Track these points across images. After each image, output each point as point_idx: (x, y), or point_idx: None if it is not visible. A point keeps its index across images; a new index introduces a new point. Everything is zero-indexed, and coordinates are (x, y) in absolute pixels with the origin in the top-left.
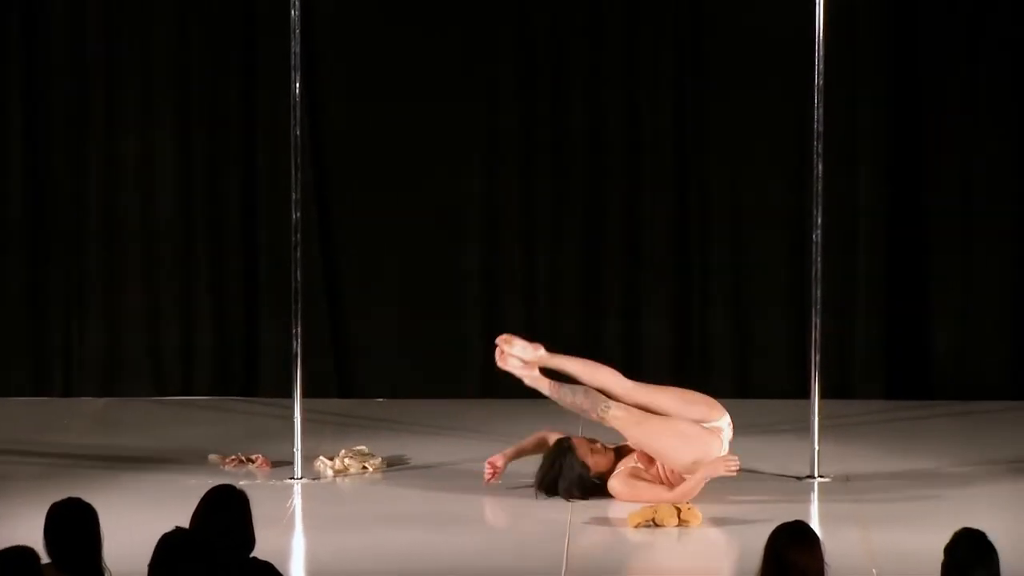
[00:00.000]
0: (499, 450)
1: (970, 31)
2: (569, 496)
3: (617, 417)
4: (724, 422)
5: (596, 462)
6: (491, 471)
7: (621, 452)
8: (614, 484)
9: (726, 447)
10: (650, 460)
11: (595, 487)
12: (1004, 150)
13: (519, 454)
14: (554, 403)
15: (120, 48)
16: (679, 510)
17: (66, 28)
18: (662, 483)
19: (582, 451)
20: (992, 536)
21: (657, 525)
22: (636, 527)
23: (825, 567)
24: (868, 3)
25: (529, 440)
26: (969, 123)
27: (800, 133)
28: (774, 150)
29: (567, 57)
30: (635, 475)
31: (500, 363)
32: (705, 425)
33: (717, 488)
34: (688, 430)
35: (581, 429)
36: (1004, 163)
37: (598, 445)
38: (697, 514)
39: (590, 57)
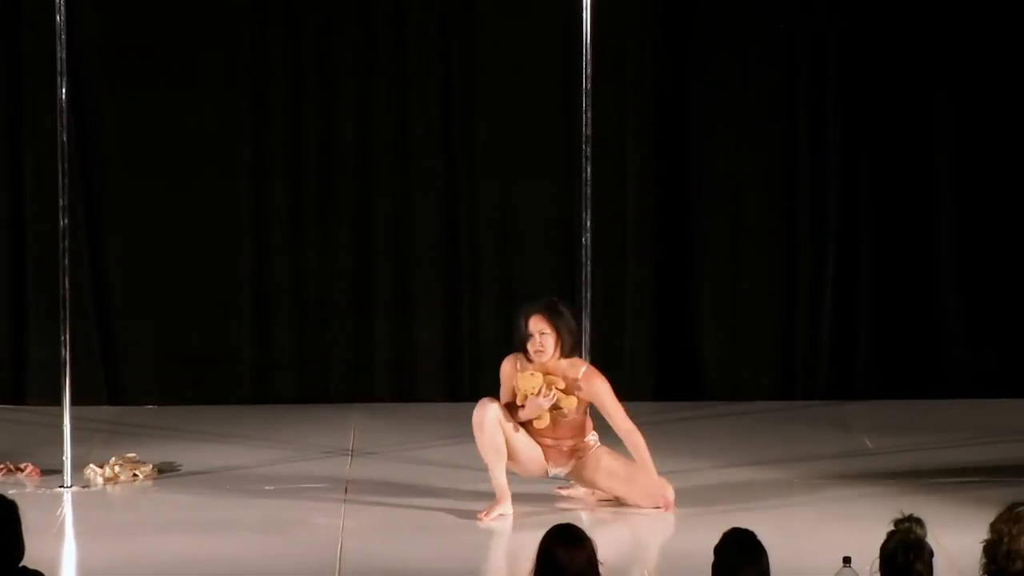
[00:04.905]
0: (273, 456)
1: (737, 30)
2: None
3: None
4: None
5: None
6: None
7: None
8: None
9: None
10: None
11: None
12: (770, 152)
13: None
14: (325, 410)
15: None
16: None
17: None
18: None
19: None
20: (760, 535)
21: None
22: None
23: (599, 568)
24: (636, 4)
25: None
26: (736, 125)
27: (569, 136)
28: (543, 153)
29: (335, 61)
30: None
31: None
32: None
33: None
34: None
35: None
36: (771, 164)
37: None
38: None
39: (358, 60)
